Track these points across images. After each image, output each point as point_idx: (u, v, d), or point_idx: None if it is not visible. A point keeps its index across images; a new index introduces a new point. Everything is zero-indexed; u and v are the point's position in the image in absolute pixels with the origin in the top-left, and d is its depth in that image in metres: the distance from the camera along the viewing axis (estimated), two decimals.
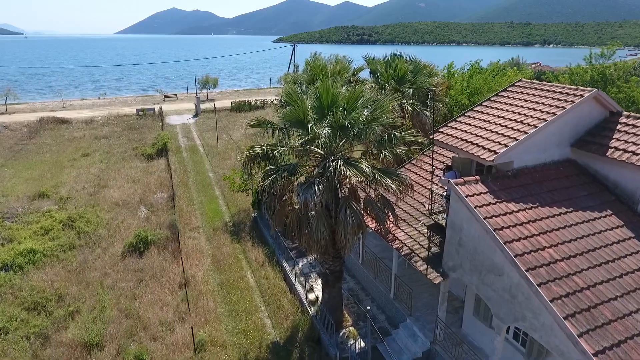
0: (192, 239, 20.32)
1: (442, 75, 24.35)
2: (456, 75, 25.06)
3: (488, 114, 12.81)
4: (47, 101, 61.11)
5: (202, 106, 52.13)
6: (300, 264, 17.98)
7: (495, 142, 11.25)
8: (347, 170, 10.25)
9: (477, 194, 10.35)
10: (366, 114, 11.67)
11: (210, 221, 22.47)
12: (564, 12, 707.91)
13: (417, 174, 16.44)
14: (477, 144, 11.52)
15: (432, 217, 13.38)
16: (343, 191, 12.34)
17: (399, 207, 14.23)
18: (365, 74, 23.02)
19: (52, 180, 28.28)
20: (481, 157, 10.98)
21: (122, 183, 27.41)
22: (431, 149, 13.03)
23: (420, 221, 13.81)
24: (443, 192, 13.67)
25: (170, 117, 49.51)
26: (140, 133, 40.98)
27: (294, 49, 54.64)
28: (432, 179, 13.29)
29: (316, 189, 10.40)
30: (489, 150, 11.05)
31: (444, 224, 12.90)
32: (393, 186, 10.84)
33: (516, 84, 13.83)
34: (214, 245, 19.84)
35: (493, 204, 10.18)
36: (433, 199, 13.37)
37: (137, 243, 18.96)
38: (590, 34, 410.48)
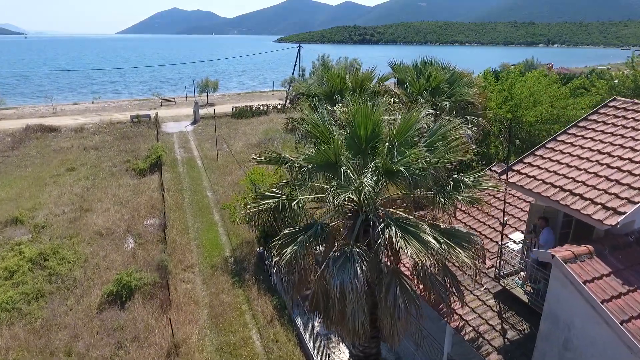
0: (186, 282, 16.97)
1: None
2: (487, 83, 21.56)
3: (582, 147, 9.40)
4: (38, 105, 57.83)
5: (202, 111, 48.78)
6: (318, 320, 14.60)
7: (610, 194, 7.86)
8: (407, 244, 6.86)
9: (598, 278, 6.98)
10: (421, 147, 8.32)
11: (207, 256, 19.11)
12: (566, 11, 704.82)
13: (467, 214, 13.08)
14: (581, 195, 8.12)
15: (501, 282, 10.04)
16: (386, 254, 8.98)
17: (450, 262, 10.86)
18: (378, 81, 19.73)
19: (30, 201, 24.96)
20: (594, 217, 7.58)
21: (108, 206, 24.05)
22: (504, 192, 9.65)
23: (483, 286, 10.44)
24: (505, 241, 10.36)
25: (166, 124, 46.20)
26: (133, 143, 37.61)
27: (299, 51, 51.15)
28: (502, 230, 9.91)
29: (357, 270, 7.05)
30: (604, 207, 7.66)
31: (519, 294, 9.57)
32: (467, 260, 7.46)
33: (610, 104, 10.43)
34: (212, 291, 16.46)
35: (625, 294, 6.81)
36: (502, 257, 10.02)
37: (119, 290, 15.62)
38: (595, 33, 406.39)
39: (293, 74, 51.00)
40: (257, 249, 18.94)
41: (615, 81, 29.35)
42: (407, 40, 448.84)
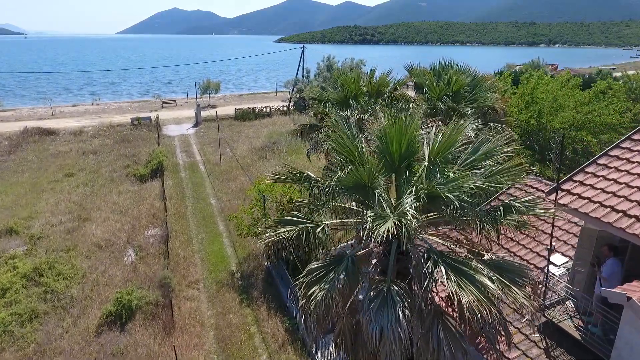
0: (190, 301, 15.90)
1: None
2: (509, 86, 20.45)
3: None
4: (36, 107, 56.72)
5: (203, 113, 47.75)
6: (333, 346, 13.52)
7: None
8: (462, 290, 5.79)
9: None
10: (464, 167, 7.28)
11: (213, 271, 18.05)
12: (567, 11, 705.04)
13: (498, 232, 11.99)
14: None
15: (546, 313, 8.97)
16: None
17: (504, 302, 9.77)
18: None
19: (27, 210, 23.90)
20: None
21: (107, 214, 22.99)
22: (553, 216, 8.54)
23: (525, 317, 9.36)
24: (544, 263, 9.31)
25: (168, 126, 45.12)
26: (133, 147, 36.53)
27: (303, 52, 50.00)
28: (549, 258, 8.85)
29: (399, 314, 6.00)
30: None
31: (569, 329, 8.51)
32: (526, 302, 6.40)
33: None
34: (218, 310, 15.40)
35: None
36: (548, 285, 8.96)
37: (119, 310, 14.56)
38: (596, 33, 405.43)
39: (297, 75, 49.92)
40: (265, 264, 17.88)
41: (633, 83, 28.30)
42: (407, 40, 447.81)
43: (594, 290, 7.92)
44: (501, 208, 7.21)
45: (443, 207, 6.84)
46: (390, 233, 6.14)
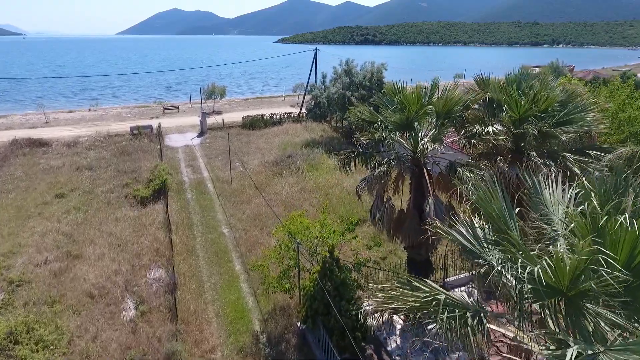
0: None
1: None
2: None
3: None
4: (29, 113, 53.25)
5: (209, 121, 44.24)
6: None
7: None
8: None
9: None
10: None
11: (232, 332, 14.49)
12: (568, 11, 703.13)
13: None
14: None
15: None
16: None
17: None
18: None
19: (8, 242, 20.42)
20: None
21: (102, 250, 19.45)
22: None
23: None
24: None
25: (170, 136, 41.58)
26: (133, 161, 32.98)
27: (315, 55, 46.41)
28: None
29: None
30: None
31: None
32: None
33: None
34: None
35: None
36: None
37: None
38: (600, 33, 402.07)
39: (309, 80, 46.32)
40: (299, 325, 14.30)
41: None
42: (409, 40, 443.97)
43: None
44: None
45: None
46: None
